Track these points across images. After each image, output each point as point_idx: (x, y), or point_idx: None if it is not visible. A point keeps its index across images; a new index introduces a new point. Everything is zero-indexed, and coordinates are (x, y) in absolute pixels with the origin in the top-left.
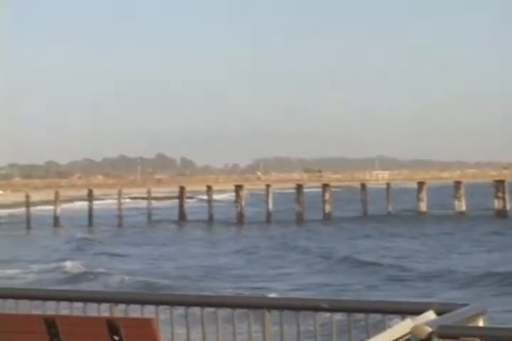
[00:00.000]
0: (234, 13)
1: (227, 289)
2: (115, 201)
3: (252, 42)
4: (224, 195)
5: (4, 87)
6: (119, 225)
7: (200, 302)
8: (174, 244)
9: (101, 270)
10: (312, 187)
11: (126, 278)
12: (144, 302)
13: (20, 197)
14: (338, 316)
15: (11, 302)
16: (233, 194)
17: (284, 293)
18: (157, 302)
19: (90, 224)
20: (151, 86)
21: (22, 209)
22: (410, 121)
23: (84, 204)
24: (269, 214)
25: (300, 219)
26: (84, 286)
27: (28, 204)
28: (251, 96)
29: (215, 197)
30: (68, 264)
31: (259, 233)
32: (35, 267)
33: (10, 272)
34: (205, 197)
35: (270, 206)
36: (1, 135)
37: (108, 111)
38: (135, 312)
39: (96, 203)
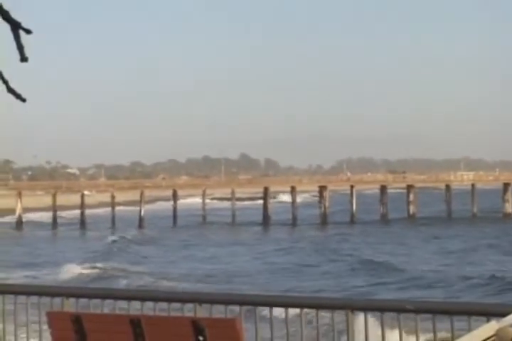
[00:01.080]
0: None
1: None
2: (197, 200)
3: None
4: (303, 196)
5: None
6: (203, 225)
7: (282, 302)
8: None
9: None
10: (394, 188)
11: None
12: (227, 302)
13: (105, 197)
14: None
15: (96, 302)
16: (310, 195)
17: None
18: (241, 303)
19: (174, 224)
20: (228, 85)
21: (107, 210)
22: (497, 121)
23: (167, 204)
24: (353, 215)
25: (384, 220)
26: None
27: (113, 204)
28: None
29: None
30: None
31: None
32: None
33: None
34: (284, 198)
35: (354, 207)
36: (87, 136)
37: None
38: (219, 312)
39: (180, 202)
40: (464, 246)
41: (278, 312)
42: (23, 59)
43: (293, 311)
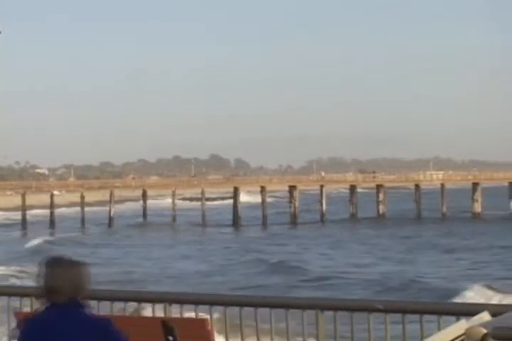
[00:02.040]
0: None
1: None
2: (167, 201)
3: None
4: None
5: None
6: (172, 225)
7: (253, 302)
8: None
9: None
10: (365, 188)
11: None
12: (197, 302)
13: (75, 197)
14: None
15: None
16: (274, 197)
17: None
18: (211, 303)
19: (144, 224)
20: (216, 84)
21: (77, 209)
22: (467, 121)
23: (137, 204)
24: (323, 214)
25: (353, 220)
26: None
27: (83, 204)
28: (306, 98)
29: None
30: None
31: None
32: None
33: None
34: (245, 198)
35: (324, 207)
36: (56, 136)
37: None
38: (190, 312)
39: (150, 202)
40: (404, 246)
41: (248, 312)
42: None
43: (262, 311)
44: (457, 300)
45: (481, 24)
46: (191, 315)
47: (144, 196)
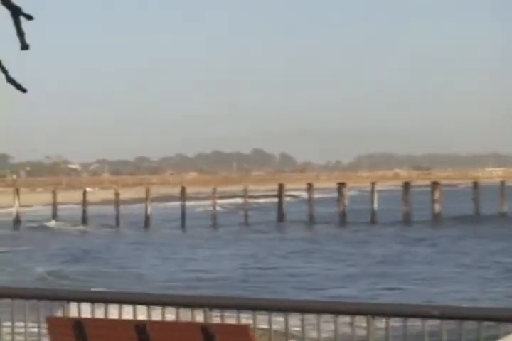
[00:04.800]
0: None
1: None
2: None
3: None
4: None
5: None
6: (214, 225)
7: (299, 307)
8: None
9: None
10: (421, 186)
11: None
12: (240, 307)
13: (109, 194)
14: (450, 324)
15: (99, 306)
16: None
17: None
18: (254, 308)
19: (183, 225)
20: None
21: (110, 208)
22: None
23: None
24: (373, 214)
25: (407, 220)
26: None
27: (117, 202)
28: (357, 89)
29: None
30: None
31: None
32: None
33: None
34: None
35: (375, 205)
36: (90, 129)
37: (201, 104)
38: (231, 318)
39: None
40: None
41: (294, 318)
42: (24, 47)
43: (309, 317)
44: None
45: None
46: (233, 320)
47: (183, 193)
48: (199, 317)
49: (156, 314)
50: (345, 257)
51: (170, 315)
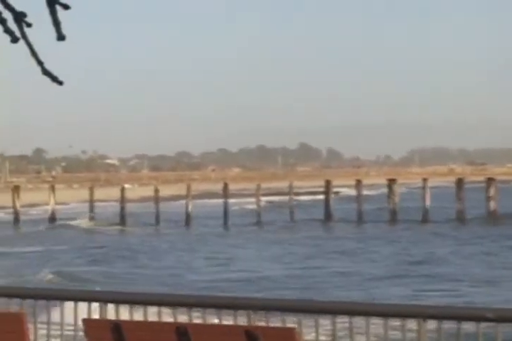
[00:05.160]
0: None
1: None
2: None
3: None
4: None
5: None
6: (258, 223)
7: (347, 309)
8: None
9: None
10: (474, 182)
11: None
12: (285, 309)
13: (148, 191)
14: (505, 327)
15: (138, 308)
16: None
17: None
18: (299, 310)
19: (225, 223)
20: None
21: (150, 205)
22: None
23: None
24: (425, 212)
25: (460, 218)
26: None
27: (157, 199)
28: (410, 81)
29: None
30: None
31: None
32: None
33: None
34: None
35: (427, 203)
36: (128, 123)
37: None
38: (276, 320)
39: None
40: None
41: (341, 320)
42: (60, 37)
43: (357, 320)
44: None
45: None
46: (278, 323)
47: (225, 190)
48: (242, 319)
49: (197, 316)
50: (394, 257)
51: (212, 317)
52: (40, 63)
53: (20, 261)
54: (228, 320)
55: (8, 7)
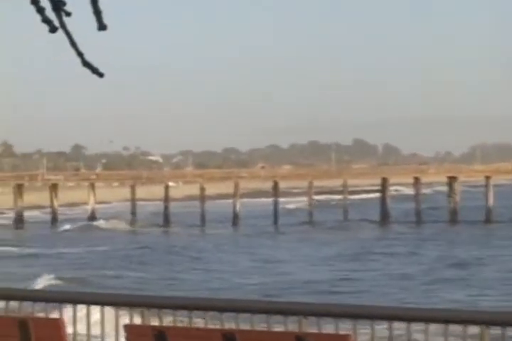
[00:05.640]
0: None
1: None
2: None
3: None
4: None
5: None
6: (310, 223)
7: (404, 315)
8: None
9: None
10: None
11: None
12: (338, 314)
13: (193, 189)
14: None
15: (183, 313)
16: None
17: None
18: (354, 316)
19: (275, 222)
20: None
21: (195, 204)
22: None
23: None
24: (488, 211)
25: None
26: None
27: (202, 197)
28: (471, 71)
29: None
30: None
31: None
32: None
33: None
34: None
35: (490, 202)
36: (171, 118)
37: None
38: (329, 327)
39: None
40: None
41: (399, 327)
42: (101, 27)
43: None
44: None
45: None
46: (331, 330)
47: (275, 189)
48: (293, 325)
49: (245, 322)
50: (450, 259)
51: (260, 323)
52: (79, 54)
53: (59, 261)
54: (278, 326)
55: None
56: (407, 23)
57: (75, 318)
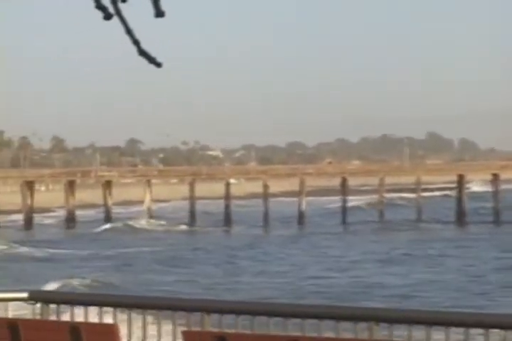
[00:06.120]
0: None
1: None
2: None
3: None
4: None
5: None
6: (380, 222)
7: (444, 319)
8: None
9: None
10: None
11: None
12: (411, 321)
13: (256, 186)
14: None
15: (244, 319)
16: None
17: None
18: (428, 322)
19: (344, 222)
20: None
21: (258, 202)
22: None
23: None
24: None
25: None
26: None
27: (266, 195)
28: None
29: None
30: None
31: None
32: None
33: None
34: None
35: None
36: (233, 111)
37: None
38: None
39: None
40: None
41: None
42: (159, 13)
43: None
44: None
45: None
46: (403, 338)
47: (344, 186)
48: (363, 332)
49: (311, 328)
50: None
51: (327, 329)
52: (135, 42)
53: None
54: (346, 333)
55: None
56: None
57: (130, 324)
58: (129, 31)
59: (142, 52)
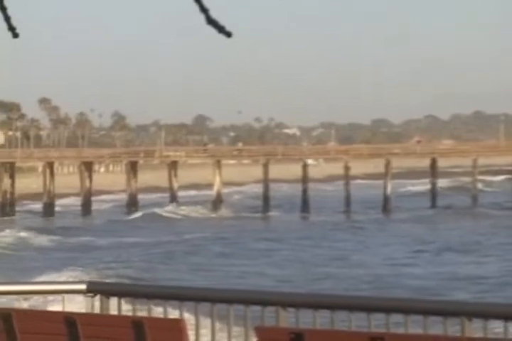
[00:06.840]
0: None
1: None
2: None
3: None
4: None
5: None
6: (472, 208)
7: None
8: None
9: None
10: None
11: None
12: (508, 317)
13: (337, 168)
14: None
15: (323, 313)
16: None
17: None
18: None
19: (433, 206)
20: None
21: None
22: None
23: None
24: None
25: None
26: None
27: (347, 178)
28: None
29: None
30: None
31: None
32: None
33: None
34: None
35: None
36: (312, 87)
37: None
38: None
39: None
40: None
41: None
42: None
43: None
44: None
45: None
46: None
47: (433, 167)
48: (453, 328)
49: (396, 324)
50: None
51: (416, 326)
52: (204, 10)
53: None
54: (435, 330)
55: None
56: None
57: (198, 319)
58: None
59: (211, 21)
